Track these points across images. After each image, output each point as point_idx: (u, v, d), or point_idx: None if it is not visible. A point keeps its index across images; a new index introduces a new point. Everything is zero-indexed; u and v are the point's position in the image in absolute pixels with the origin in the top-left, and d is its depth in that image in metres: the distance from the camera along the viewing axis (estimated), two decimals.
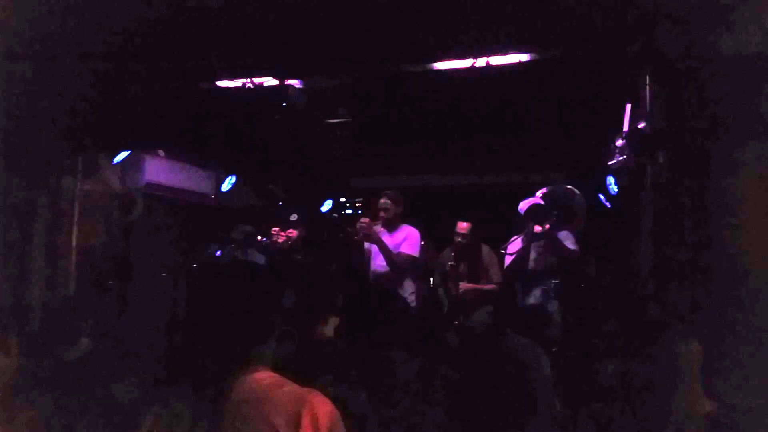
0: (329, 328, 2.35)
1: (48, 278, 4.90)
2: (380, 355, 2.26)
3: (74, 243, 5.22)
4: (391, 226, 5.02)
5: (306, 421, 1.54)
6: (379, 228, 5.00)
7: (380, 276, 4.95)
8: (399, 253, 4.87)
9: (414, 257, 4.93)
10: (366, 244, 5.06)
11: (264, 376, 1.68)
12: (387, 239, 4.92)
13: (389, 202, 5.02)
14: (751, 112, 3.29)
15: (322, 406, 1.58)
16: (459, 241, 5.39)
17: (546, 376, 2.10)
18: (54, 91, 4.46)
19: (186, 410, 1.63)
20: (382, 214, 5.02)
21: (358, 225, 4.95)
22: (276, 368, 1.72)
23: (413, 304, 4.76)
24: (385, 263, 4.90)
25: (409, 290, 4.92)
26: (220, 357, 1.70)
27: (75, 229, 5.23)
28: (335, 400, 1.64)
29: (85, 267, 5.24)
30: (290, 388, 1.64)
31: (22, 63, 4.17)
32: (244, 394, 1.63)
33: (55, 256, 4.99)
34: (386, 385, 2.13)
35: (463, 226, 5.39)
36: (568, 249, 5.16)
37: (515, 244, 5.25)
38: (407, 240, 4.94)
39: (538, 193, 4.93)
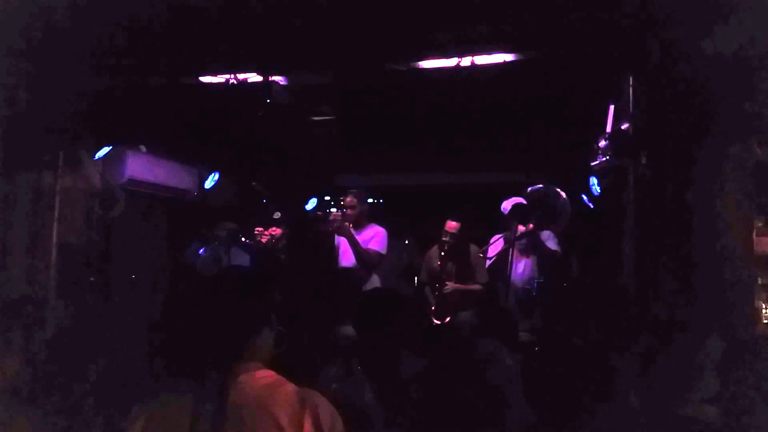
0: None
1: (28, 274, 4.85)
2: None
3: (54, 239, 5.17)
4: (359, 225, 5.04)
5: (308, 422, 1.55)
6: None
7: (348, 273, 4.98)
8: (367, 250, 4.90)
9: (382, 254, 4.96)
10: (336, 241, 5.10)
11: (263, 374, 1.67)
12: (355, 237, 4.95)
13: (355, 200, 5.06)
14: (734, 113, 3.33)
15: (322, 406, 1.60)
16: (447, 241, 5.28)
17: (514, 380, 2.09)
18: (34, 86, 4.41)
19: (183, 408, 1.60)
20: (348, 211, 5.04)
21: (330, 218, 5.00)
22: (272, 366, 1.70)
23: None
24: (353, 261, 4.92)
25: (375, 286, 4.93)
26: (213, 350, 1.68)
27: (55, 225, 5.18)
28: (340, 398, 1.64)
29: (65, 263, 5.18)
30: (291, 387, 1.64)
31: (3, 59, 4.12)
32: (245, 394, 1.61)
33: (35, 252, 4.94)
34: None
35: (452, 226, 5.27)
36: (550, 249, 5.19)
37: (496, 246, 5.26)
38: (375, 237, 4.98)
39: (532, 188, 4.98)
